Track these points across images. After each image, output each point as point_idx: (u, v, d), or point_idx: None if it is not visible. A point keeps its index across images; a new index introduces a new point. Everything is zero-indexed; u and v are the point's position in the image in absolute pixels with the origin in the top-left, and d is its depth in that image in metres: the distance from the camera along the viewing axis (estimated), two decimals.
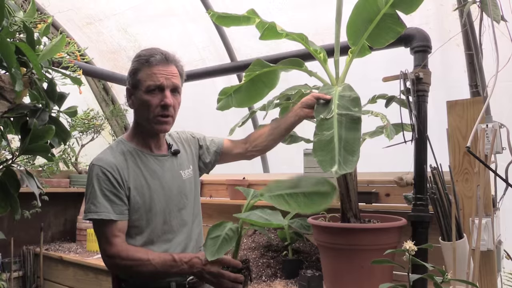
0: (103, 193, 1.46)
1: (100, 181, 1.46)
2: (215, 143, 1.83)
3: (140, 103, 1.53)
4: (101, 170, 1.47)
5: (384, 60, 2.44)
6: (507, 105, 2.25)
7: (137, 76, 1.52)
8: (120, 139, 1.61)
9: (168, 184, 1.58)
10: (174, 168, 1.63)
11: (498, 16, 1.39)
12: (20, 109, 0.99)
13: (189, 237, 1.62)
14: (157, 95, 1.51)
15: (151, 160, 1.58)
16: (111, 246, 1.44)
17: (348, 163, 1.34)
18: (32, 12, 1.09)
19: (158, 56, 1.52)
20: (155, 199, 1.53)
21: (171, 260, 1.45)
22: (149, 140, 1.60)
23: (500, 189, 1.80)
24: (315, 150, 1.41)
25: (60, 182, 3.49)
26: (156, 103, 1.51)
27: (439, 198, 1.60)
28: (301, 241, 2.49)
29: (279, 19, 1.87)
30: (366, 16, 1.66)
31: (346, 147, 1.37)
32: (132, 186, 1.50)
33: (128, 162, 1.53)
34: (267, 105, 1.98)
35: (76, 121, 3.49)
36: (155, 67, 1.51)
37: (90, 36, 3.67)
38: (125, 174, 1.50)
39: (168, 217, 1.56)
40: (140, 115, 1.57)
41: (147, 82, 1.50)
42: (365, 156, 2.08)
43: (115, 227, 1.46)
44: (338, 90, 1.60)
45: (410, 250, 1.05)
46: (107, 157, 1.51)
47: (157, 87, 1.50)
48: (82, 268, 2.99)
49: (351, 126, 1.42)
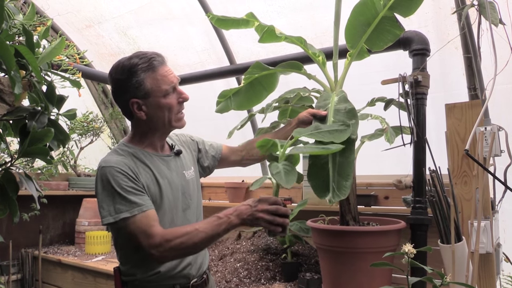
0: (126, 190, 1.42)
1: (118, 180, 1.43)
2: (213, 148, 1.84)
3: (159, 108, 1.51)
4: (114, 169, 1.44)
5: (383, 63, 2.45)
6: (506, 108, 2.25)
7: (145, 86, 1.48)
8: (122, 143, 1.58)
9: (175, 184, 1.57)
10: (178, 168, 1.63)
11: (496, 20, 1.40)
12: (19, 111, 0.99)
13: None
14: (173, 95, 1.53)
15: (157, 160, 1.57)
16: (153, 236, 1.39)
17: (342, 189, 1.38)
18: (32, 15, 1.09)
19: (159, 59, 1.52)
20: (164, 197, 1.52)
21: (217, 219, 1.41)
22: (155, 142, 1.60)
23: (498, 191, 1.81)
24: (309, 175, 1.46)
25: (59, 185, 3.48)
26: (175, 103, 1.53)
27: (438, 201, 1.60)
28: (300, 244, 2.49)
29: (278, 22, 1.88)
30: (364, 19, 1.66)
31: (340, 172, 1.40)
32: (144, 183, 1.48)
33: (136, 162, 1.51)
34: (266, 108, 1.98)
35: (75, 124, 3.49)
36: (160, 69, 1.50)
37: (90, 39, 3.68)
38: (136, 171, 1.48)
39: (175, 216, 1.55)
40: (158, 119, 1.53)
41: (163, 87, 1.49)
42: (364, 159, 2.09)
43: (148, 217, 1.41)
44: (334, 101, 1.62)
45: (409, 253, 1.05)
46: (115, 158, 1.48)
47: (172, 88, 1.52)
48: (81, 271, 2.98)
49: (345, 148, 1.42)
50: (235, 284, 2.25)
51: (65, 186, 3.54)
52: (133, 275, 1.52)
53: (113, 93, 1.55)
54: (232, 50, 3.14)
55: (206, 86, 3.31)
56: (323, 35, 2.69)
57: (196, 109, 3.43)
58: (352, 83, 1.85)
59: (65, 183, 3.55)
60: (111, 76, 1.53)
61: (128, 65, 1.48)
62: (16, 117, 0.98)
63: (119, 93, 1.52)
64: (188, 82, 3.00)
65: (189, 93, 1.58)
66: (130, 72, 1.47)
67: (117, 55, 3.67)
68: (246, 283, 2.25)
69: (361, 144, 1.97)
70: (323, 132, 1.48)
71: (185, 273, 1.55)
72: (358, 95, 1.74)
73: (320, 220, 1.93)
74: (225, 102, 2.03)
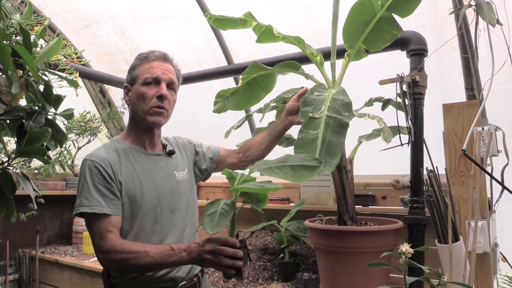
0: (96, 187, 1.44)
1: (93, 175, 1.45)
2: (211, 150, 1.84)
3: (136, 96, 1.56)
4: (94, 164, 1.46)
5: (381, 63, 2.45)
6: (503, 108, 2.26)
7: (135, 71, 1.58)
8: (114, 138, 1.63)
9: (161, 183, 1.57)
10: (168, 168, 1.63)
11: (493, 20, 1.40)
12: (16, 111, 0.98)
13: (180, 240, 1.58)
14: (153, 87, 1.55)
15: (144, 158, 1.58)
16: (105, 241, 1.41)
17: (327, 165, 1.34)
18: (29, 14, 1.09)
19: (157, 53, 1.59)
20: (146, 197, 1.51)
21: (169, 249, 1.40)
22: (143, 138, 1.61)
23: (496, 191, 1.81)
24: (297, 147, 1.41)
25: (56, 185, 3.47)
26: (152, 95, 1.54)
27: (436, 201, 1.61)
28: (298, 244, 2.49)
29: (275, 22, 1.88)
30: (362, 19, 1.66)
31: (328, 149, 1.38)
32: (123, 181, 1.49)
33: (120, 158, 1.52)
34: (264, 108, 1.98)
35: (73, 124, 3.48)
36: (153, 62, 1.57)
37: (87, 39, 3.67)
38: (117, 169, 1.49)
39: (160, 216, 1.54)
40: (135, 108, 1.57)
41: (144, 75, 1.55)
42: (361, 159, 2.09)
43: (108, 221, 1.43)
44: (333, 93, 1.60)
45: (406, 253, 1.05)
46: (100, 153, 1.51)
47: (153, 79, 1.55)
48: (78, 271, 2.98)
49: (337, 130, 1.42)
50: (232, 284, 2.25)
51: (63, 186, 3.53)
52: (119, 277, 1.53)
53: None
54: (230, 50, 3.15)
55: (204, 86, 3.31)
56: (321, 35, 2.69)
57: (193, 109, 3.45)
58: (350, 83, 1.85)
59: (62, 183, 3.54)
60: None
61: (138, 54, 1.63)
62: (13, 117, 0.98)
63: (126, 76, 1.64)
64: (186, 82, 2.98)
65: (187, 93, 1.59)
66: (134, 59, 1.61)
67: (114, 54, 3.67)
68: (244, 283, 2.25)
69: (359, 144, 1.97)
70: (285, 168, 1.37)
71: (172, 276, 1.53)
72: (356, 95, 1.73)
73: (317, 220, 1.93)
74: (223, 102, 2.03)
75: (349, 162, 1.87)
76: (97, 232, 1.43)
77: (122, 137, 1.63)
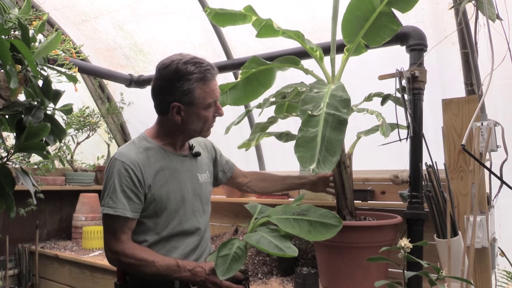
0: (122, 189, 1.46)
1: (121, 177, 1.46)
2: (228, 165, 1.90)
3: (196, 118, 1.53)
4: (124, 166, 1.47)
5: (380, 58, 2.45)
6: (502, 103, 2.26)
7: (193, 94, 1.49)
8: (143, 135, 1.59)
9: (185, 185, 1.59)
10: (193, 170, 1.64)
11: (493, 15, 1.40)
12: (15, 106, 0.98)
13: (201, 238, 1.63)
14: (212, 108, 1.56)
15: (172, 158, 1.58)
16: (118, 242, 1.46)
17: (327, 163, 1.35)
18: (27, 9, 1.08)
19: (212, 71, 1.52)
20: (171, 198, 1.53)
21: (175, 265, 1.46)
22: (177, 142, 1.61)
23: (494, 186, 1.81)
24: (297, 146, 1.41)
25: (55, 180, 3.47)
26: (211, 116, 1.57)
27: (434, 196, 1.61)
28: (297, 239, 2.50)
29: (275, 17, 1.87)
30: (362, 14, 1.66)
31: (328, 147, 1.38)
32: (152, 184, 1.50)
33: (150, 159, 1.52)
34: (263, 103, 1.98)
35: (72, 119, 3.48)
36: (211, 83, 1.52)
37: (86, 34, 3.66)
38: (146, 172, 1.49)
39: (183, 218, 1.57)
40: (191, 126, 1.55)
41: (207, 100, 1.52)
42: (360, 154, 2.09)
43: (126, 224, 1.47)
44: (331, 89, 1.60)
45: (405, 248, 1.05)
46: (130, 153, 1.50)
47: (214, 102, 1.55)
48: (78, 266, 2.98)
49: (336, 127, 1.42)
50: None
51: (62, 181, 3.53)
52: None
53: (156, 88, 1.53)
54: (229, 45, 3.13)
55: None
56: (320, 30, 2.68)
57: None
58: (349, 78, 1.85)
59: (61, 178, 3.54)
60: (160, 72, 1.51)
61: (183, 70, 1.47)
62: (12, 112, 0.98)
63: (163, 91, 1.51)
64: None
65: None
66: (184, 78, 1.47)
67: (113, 49, 3.66)
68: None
69: (358, 139, 1.97)
70: (303, 222, 1.42)
71: None
72: (355, 90, 1.73)
73: None
74: (222, 97, 2.02)
75: (348, 157, 1.87)
76: (112, 232, 1.47)
77: (152, 135, 1.59)
